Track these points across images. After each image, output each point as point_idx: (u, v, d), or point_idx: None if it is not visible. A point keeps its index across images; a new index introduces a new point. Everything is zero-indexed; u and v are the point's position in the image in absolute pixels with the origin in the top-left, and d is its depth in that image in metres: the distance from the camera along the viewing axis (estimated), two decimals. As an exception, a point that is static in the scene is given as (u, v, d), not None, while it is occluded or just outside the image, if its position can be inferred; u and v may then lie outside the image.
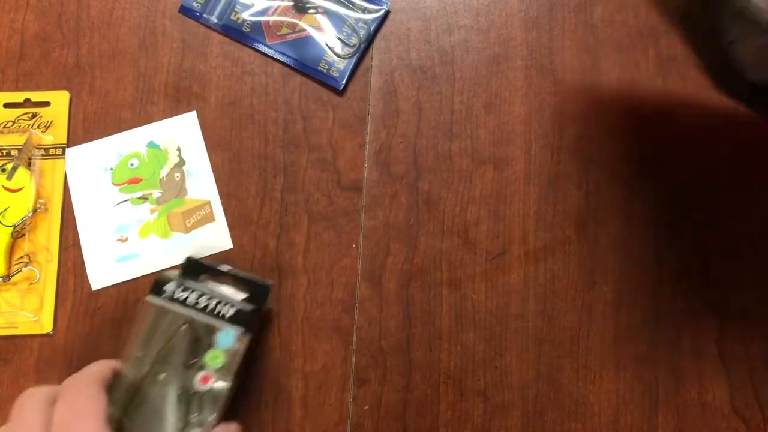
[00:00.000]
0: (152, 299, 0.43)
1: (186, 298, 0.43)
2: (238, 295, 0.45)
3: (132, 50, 0.53)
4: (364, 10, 0.53)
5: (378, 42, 0.53)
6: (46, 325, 0.48)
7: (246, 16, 0.53)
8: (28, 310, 0.49)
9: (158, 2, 0.54)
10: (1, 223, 0.49)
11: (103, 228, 0.50)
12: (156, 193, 0.49)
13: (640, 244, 0.49)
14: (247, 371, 0.48)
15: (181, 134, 0.49)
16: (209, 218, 0.47)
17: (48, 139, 0.51)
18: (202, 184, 0.48)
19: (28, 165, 0.50)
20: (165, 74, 0.53)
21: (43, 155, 0.50)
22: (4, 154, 0.50)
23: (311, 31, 0.53)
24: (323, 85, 0.53)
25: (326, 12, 0.53)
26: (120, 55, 0.53)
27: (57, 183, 0.50)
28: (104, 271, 0.49)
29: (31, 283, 0.49)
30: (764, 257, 0.49)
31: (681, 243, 0.49)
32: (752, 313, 0.49)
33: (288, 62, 0.53)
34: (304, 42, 0.53)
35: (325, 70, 0.52)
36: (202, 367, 0.42)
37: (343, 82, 0.52)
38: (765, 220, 0.50)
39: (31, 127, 0.50)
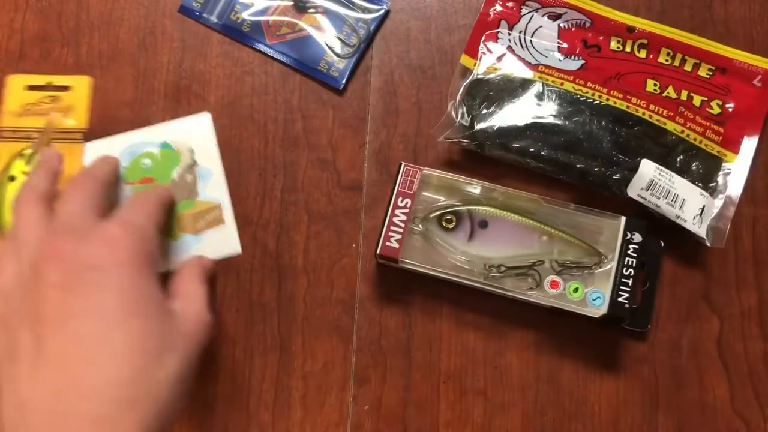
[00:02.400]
0: None
1: None
2: None
3: (131, 50, 0.53)
4: (364, 10, 0.53)
5: (378, 42, 0.53)
6: None
7: (246, 15, 0.53)
8: None
9: (158, 2, 0.54)
10: None
11: None
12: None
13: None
14: (245, 369, 0.48)
15: (195, 136, 0.47)
16: (219, 221, 0.46)
17: (68, 123, 0.50)
18: (213, 186, 0.47)
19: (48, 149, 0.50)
20: (165, 74, 0.53)
21: (62, 139, 0.50)
22: (26, 136, 0.50)
23: (311, 31, 0.53)
24: (323, 85, 0.53)
25: (326, 12, 0.53)
26: (119, 55, 0.53)
27: (74, 167, 0.50)
28: None
29: None
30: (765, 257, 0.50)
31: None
32: (753, 313, 0.49)
33: (288, 62, 0.53)
34: (303, 42, 0.53)
35: (324, 70, 0.52)
36: None
37: (343, 81, 0.52)
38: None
39: (52, 111, 0.50)
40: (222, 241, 0.46)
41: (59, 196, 0.41)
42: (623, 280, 0.45)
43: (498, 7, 0.53)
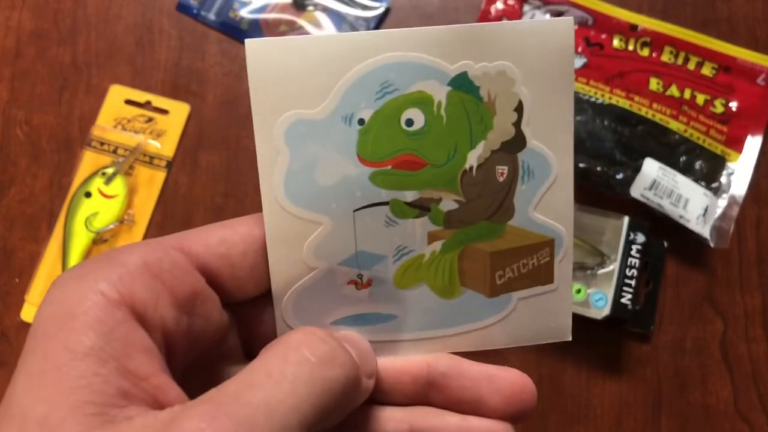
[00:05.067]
0: None
1: None
2: None
3: (129, 48, 0.52)
4: (364, 8, 0.53)
5: (378, 40, 0.53)
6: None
7: (244, 13, 0.53)
8: None
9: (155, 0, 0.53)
10: (87, 227, 0.49)
11: (321, 249, 0.24)
12: (449, 202, 0.24)
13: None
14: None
15: (534, 71, 0.23)
16: (544, 275, 0.24)
17: (155, 146, 0.50)
18: (548, 199, 0.24)
19: (129, 172, 0.50)
20: (162, 72, 0.52)
21: (145, 163, 0.50)
22: (113, 150, 0.50)
23: (310, 29, 0.53)
24: (322, 84, 0.52)
25: (325, 9, 0.53)
26: (117, 53, 0.52)
27: (151, 196, 0.50)
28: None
29: None
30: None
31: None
32: (756, 314, 0.48)
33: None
34: (303, 40, 0.52)
35: (324, 69, 0.52)
36: None
37: (343, 80, 0.51)
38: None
39: (145, 132, 0.50)
40: (538, 318, 0.25)
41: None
42: (626, 281, 0.45)
43: (499, 5, 0.52)
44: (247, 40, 0.22)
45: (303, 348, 0.21)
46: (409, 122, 0.23)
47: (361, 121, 0.22)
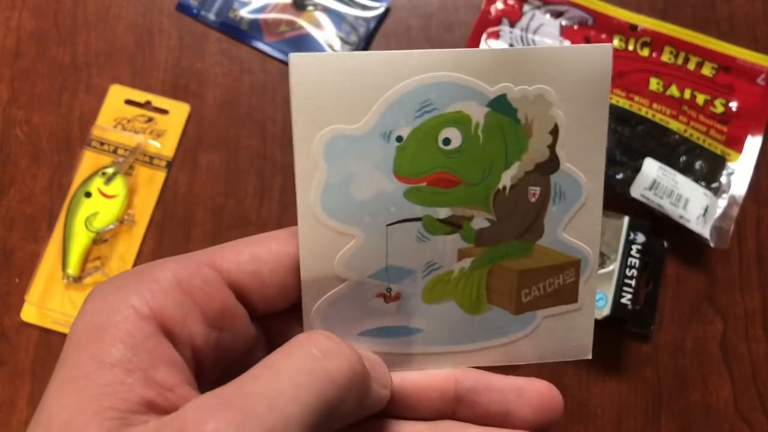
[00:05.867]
0: None
1: None
2: None
3: (129, 48, 0.52)
4: (364, 8, 0.53)
5: (378, 40, 0.53)
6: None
7: (244, 13, 0.53)
8: None
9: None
10: (87, 227, 0.49)
11: (353, 262, 0.24)
12: (481, 220, 0.24)
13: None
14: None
15: (571, 95, 0.23)
16: (568, 294, 0.25)
17: (155, 146, 0.50)
18: (577, 222, 0.24)
19: (129, 172, 0.50)
20: (162, 72, 0.52)
21: (145, 162, 0.50)
22: (113, 150, 0.50)
23: (310, 29, 0.53)
24: (322, 84, 0.52)
25: (325, 9, 0.53)
26: (116, 54, 0.52)
27: (151, 196, 0.50)
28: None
29: None
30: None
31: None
32: (756, 314, 0.48)
33: (287, 60, 0.52)
34: (302, 40, 0.52)
35: (324, 69, 0.52)
36: None
37: (343, 80, 0.51)
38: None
39: (145, 132, 0.50)
40: (561, 336, 0.25)
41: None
42: (626, 281, 0.45)
43: (499, 5, 0.52)
44: (291, 55, 0.23)
45: (306, 343, 0.21)
46: (447, 141, 0.23)
47: (399, 138, 0.23)
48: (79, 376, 0.19)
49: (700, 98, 0.50)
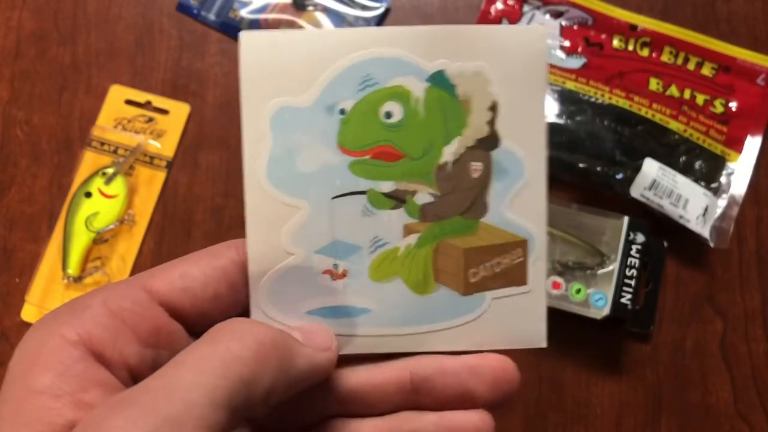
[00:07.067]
0: None
1: None
2: None
3: (129, 48, 0.52)
4: (364, 8, 0.53)
5: (378, 40, 0.53)
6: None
7: (244, 13, 0.53)
8: None
9: (155, 0, 0.53)
10: (87, 227, 0.49)
11: (299, 235, 0.24)
12: (424, 195, 0.24)
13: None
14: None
15: (508, 74, 0.24)
16: (517, 275, 0.24)
17: (155, 146, 0.50)
18: (520, 199, 0.24)
19: (129, 172, 0.50)
20: (162, 72, 0.52)
21: (145, 163, 0.50)
22: (113, 150, 0.50)
23: (310, 30, 0.53)
24: (322, 84, 0.52)
25: (325, 10, 0.53)
26: (117, 54, 0.52)
27: (151, 196, 0.50)
28: (275, 322, 0.24)
29: None
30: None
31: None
32: (756, 314, 0.48)
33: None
34: (303, 40, 0.52)
35: (324, 69, 0.52)
36: None
37: (343, 80, 0.52)
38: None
39: (145, 133, 0.50)
40: (511, 319, 0.25)
41: None
42: (626, 281, 0.45)
43: (499, 5, 0.52)
44: (242, 32, 0.24)
45: (212, 332, 0.21)
46: (388, 115, 0.23)
47: (342, 111, 0.23)
48: (12, 407, 0.20)
49: (700, 98, 0.50)
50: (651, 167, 0.46)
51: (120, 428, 0.18)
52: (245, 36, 0.24)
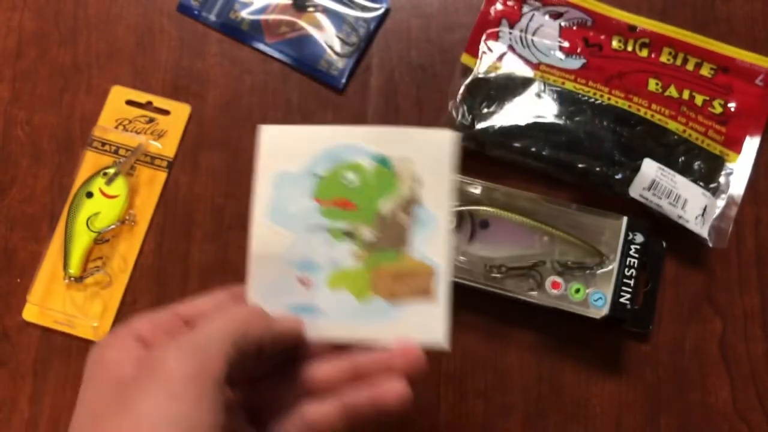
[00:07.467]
0: None
1: None
2: None
3: (130, 49, 0.53)
4: (364, 9, 0.53)
5: (378, 40, 0.53)
6: (103, 334, 0.48)
7: (245, 14, 0.53)
8: (91, 315, 0.48)
9: (156, 0, 0.54)
10: (88, 227, 0.49)
11: (285, 254, 0.36)
12: (368, 234, 0.36)
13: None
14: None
15: (426, 160, 0.35)
16: (426, 293, 0.34)
17: (156, 147, 0.50)
18: (433, 241, 0.35)
19: (130, 172, 0.50)
20: (163, 73, 0.52)
21: (146, 163, 0.50)
22: (114, 150, 0.50)
23: (310, 30, 0.53)
24: (323, 84, 0.52)
25: (325, 10, 0.53)
26: (117, 54, 0.53)
27: (152, 196, 0.50)
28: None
29: (103, 288, 0.49)
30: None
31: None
32: (755, 314, 0.48)
33: (287, 61, 0.52)
34: (303, 40, 0.53)
35: (324, 69, 0.52)
36: None
37: (343, 80, 0.52)
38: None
39: (146, 133, 0.50)
40: (422, 324, 0.34)
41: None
42: (625, 280, 0.45)
43: (499, 6, 0.52)
44: (261, 126, 0.36)
45: (222, 305, 0.35)
46: (347, 179, 0.36)
47: (318, 176, 0.36)
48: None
49: (699, 99, 0.50)
50: (650, 167, 0.46)
51: (165, 348, 0.29)
52: (264, 128, 0.36)
